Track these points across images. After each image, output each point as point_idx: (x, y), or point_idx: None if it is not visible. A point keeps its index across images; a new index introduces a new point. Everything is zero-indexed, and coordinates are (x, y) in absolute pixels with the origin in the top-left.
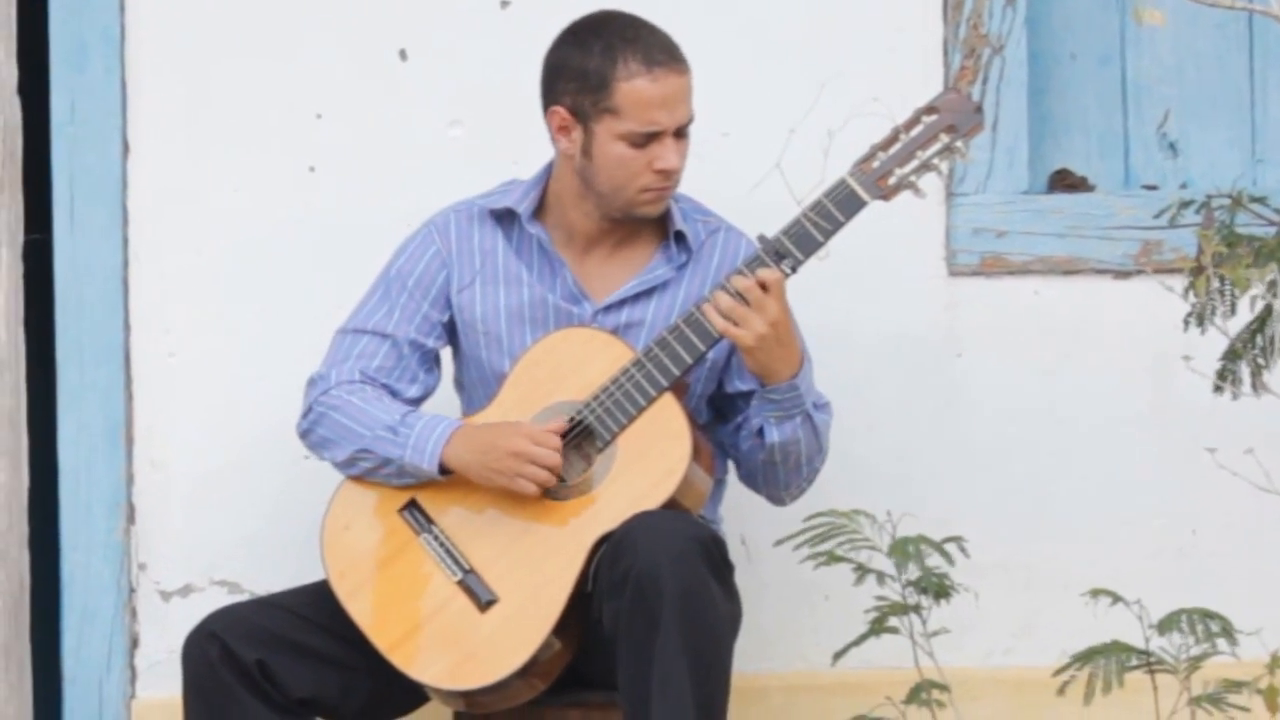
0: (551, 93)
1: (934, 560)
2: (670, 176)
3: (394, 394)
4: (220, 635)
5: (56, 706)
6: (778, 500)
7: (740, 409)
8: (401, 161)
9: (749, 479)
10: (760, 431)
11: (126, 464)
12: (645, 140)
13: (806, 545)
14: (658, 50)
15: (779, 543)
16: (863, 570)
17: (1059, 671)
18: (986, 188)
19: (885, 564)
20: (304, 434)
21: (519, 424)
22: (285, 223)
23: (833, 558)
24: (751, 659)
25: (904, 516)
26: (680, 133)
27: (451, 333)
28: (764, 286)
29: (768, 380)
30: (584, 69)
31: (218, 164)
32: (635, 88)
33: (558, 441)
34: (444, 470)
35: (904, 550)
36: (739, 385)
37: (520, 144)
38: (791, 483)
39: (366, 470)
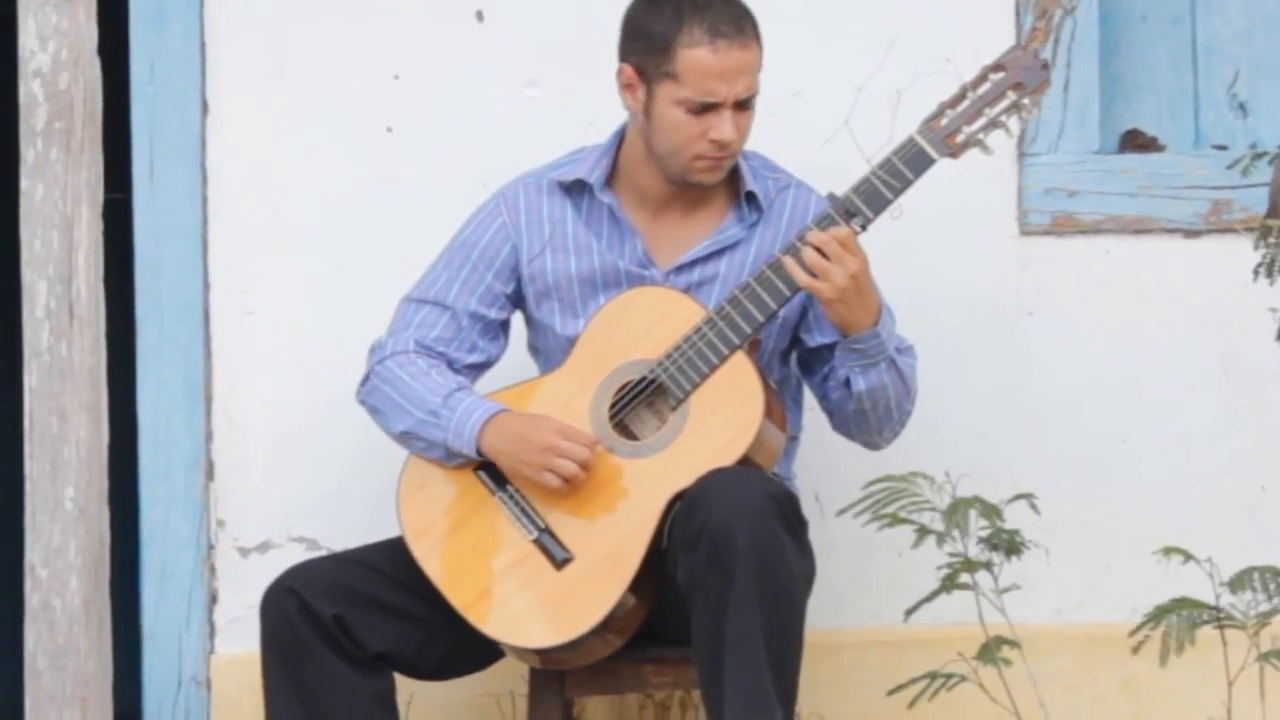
0: (622, 49)
1: (1012, 513)
2: (725, 148)
3: (452, 363)
4: (298, 590)
5: (136, 662)
6: (873, 445)
7: (825, 360)
8: (478, 122)
9: (842, 427)
10: (847, 382)
11: (205, 421)
12: (702, 109)
13: (869, 511)
14: (725, 21)
15: (840, 513)
16: (924, 531)
17: (1134, 631)
18: (1058, 148)
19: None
20: (361, 401)
21: (549, 418)
22: (362, 183)
23: (895, 520)
24: (824, 615)
25: (962, 477)
26: (742, 105)
27: (520, 301)
28: (841, 244)
29: (849, 331)
30: (650, 30)
31: (296, 124)
32: (696, 56)
33: (588, 437)
34: (481, 455)
35: (958, 512)
36: (820, 339)
37: (596, 104)
38: (884, 427)
39: (420, 450)
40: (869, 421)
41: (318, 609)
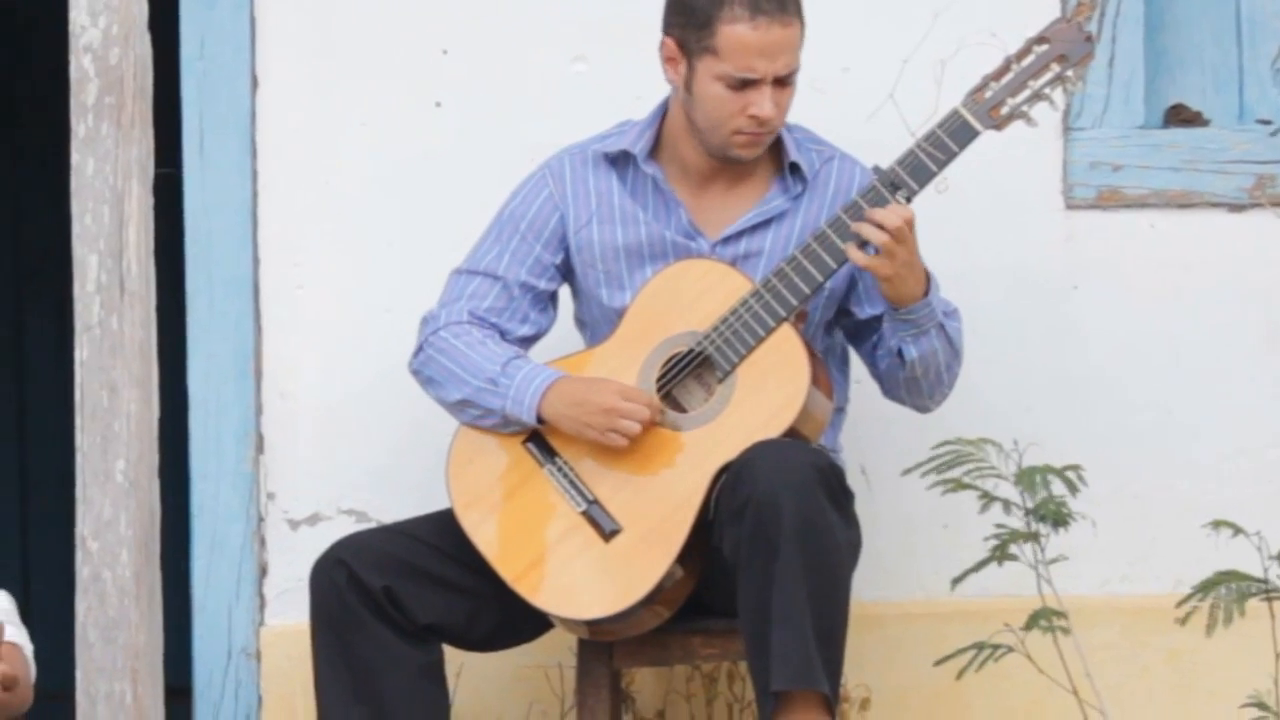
0: (665, 22)
1: (1056, 490)
2: (764, 124)
3: (503, 334)
4: (347, 562)
5: (186, 635)
6: (923, 409)
7: (874, 330)
8: (525, 97)
9: (892, 394)
10: (899, 351)
11: (255, 395)
12: (742, 85)
13: (934, 472)
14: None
15: (906, 472)
16: (988, 498)
17: (1182, 602)
18: (1103, 122)
19: (1009, 492)
20: (415, 372)
21: (610, 381)
22: (412, 157)
23: (959, 485)
24: (870, 587)
25: (1030, 446)
26: (782, 81)
27: (568, 273)
28: (909, 225)
29: (901, 304)
30: (693, 5)
31: (345, 99)
32: (736, 32)
33: (648, 397)
34: (541, 421)
35: (1031, 479)
36: (870, 310)
37: (642, 80)
38: (935, 391)
39: (475, 418)
40: (920, 387)
41: (367, 581)
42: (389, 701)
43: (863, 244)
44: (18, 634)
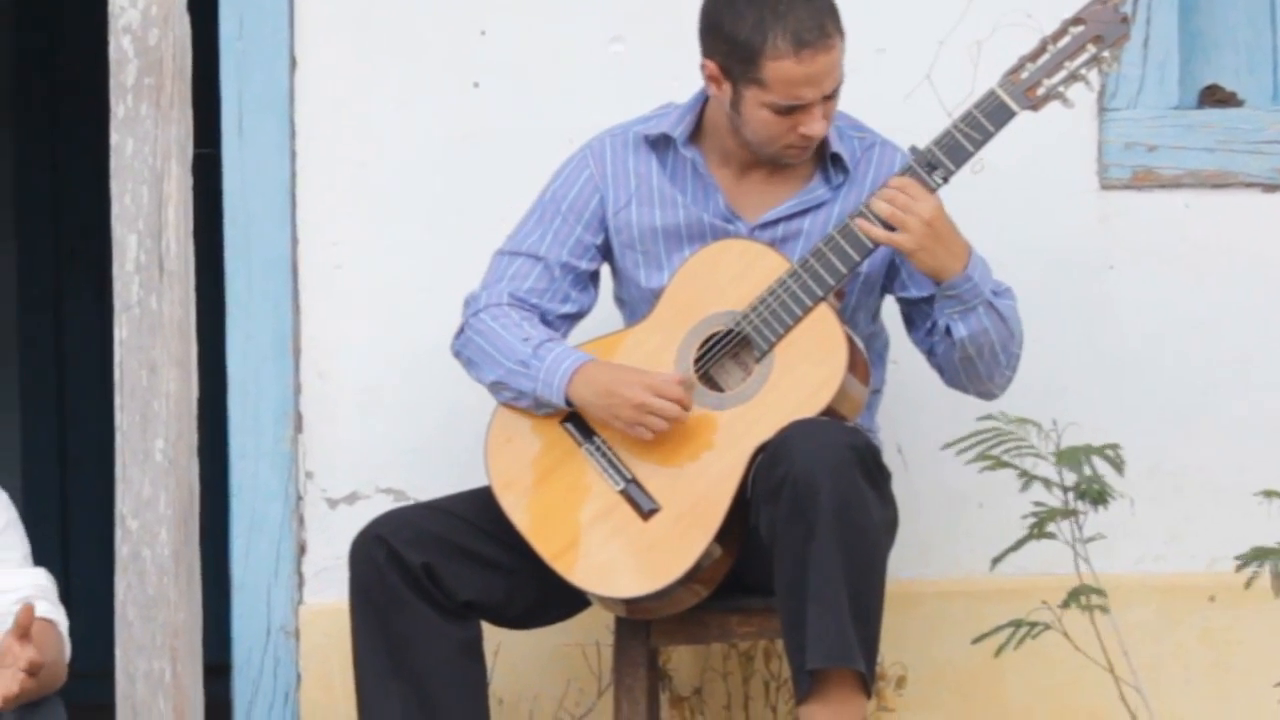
0: (705, 45)
1: (1096, 464)
2: (814, 139)
3: (545, 314)
4: (387, 539)
5: (225, 613)
6: (987, 395)
7: (926, 314)
8: (563, 78)
9: (954, 381)
10: (948, 330)
11: (294, 374)
12: (790, 110)
13: (974, 449)
14: (808, 29)
15: (946, 446)
16: (1028, 477)
17: (1241, 567)
18: (1138, 103)
19: (1048, 472)
20: (456, 353)
21: (643, 373)
22: (449, 137)
23: (999, 463)
24: (907, 565)
25: (1069, 426)
26: (829, 96)
27: (607, 253)
28: (904, 190)
29: (940, 277)
30: (734, 37)
31: (383, 79)
32: (782, 68)
33: (679, 392)
34: (570, 404)
35: (1073, 458)
36: (917, 292)
37: (680, 61)
38: (994, 372)
39: (509, 399)
40: (977, 368)
41: (407, 557)
42: (427, 678)
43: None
44: (53, 611)
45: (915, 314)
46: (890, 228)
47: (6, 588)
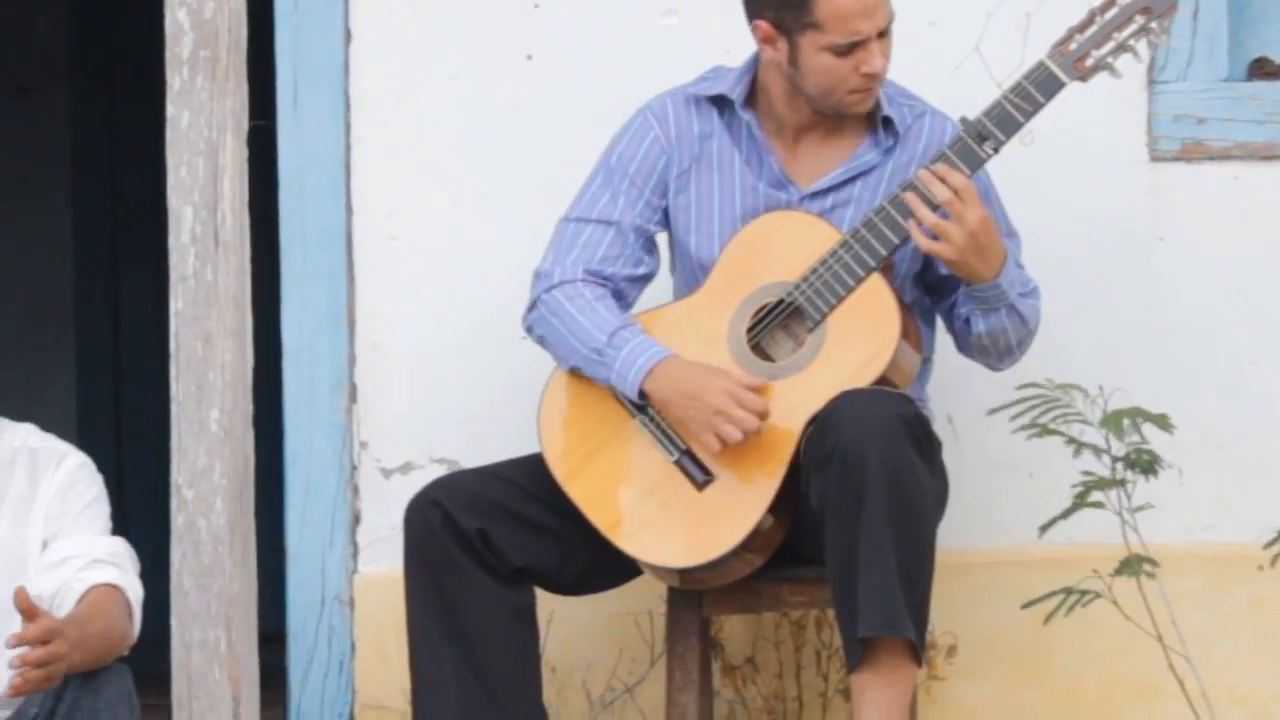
0: (751, 8)
1: (1144, 433)
2: (876, 78)
3: (618, 281)
4: (442, 503)
5: (280, 582)
6: (992, 369)
7: (951, 288)
8: (616, 50)
9: (963, 351)
10: (968, 320)
11: (348, 345)
12: (849, 49)
13: (1021, 416)
14: None
15: (993, 412)
16: (1075, 444)
17: (1268, 544)
18: (1187, 75)
19: (1095, 439)
20: (528, 329)
21: (728, 377)
22: (503, 110)
23: (1045, 430)
24: (956, 534)
25: (1115, 391)
26: (883, 33)
27: (666, 218)
28: (959, 194)
29: (971, 281)
30: None
31: (437, 52)
32: (835, 3)
33: (762, 405)
34: (644, 396)
35: (1117, 423)
36: (944, 270)
37: (732, 33)
38: (1004, 359)
39: (591, 378)
40: (989, 354)
41: (461, 522)
42: (481, 642)
43: (934, 207)
44: (121, 578)
45: (941, 286)
46: (934, 206)
47: (79, 552)
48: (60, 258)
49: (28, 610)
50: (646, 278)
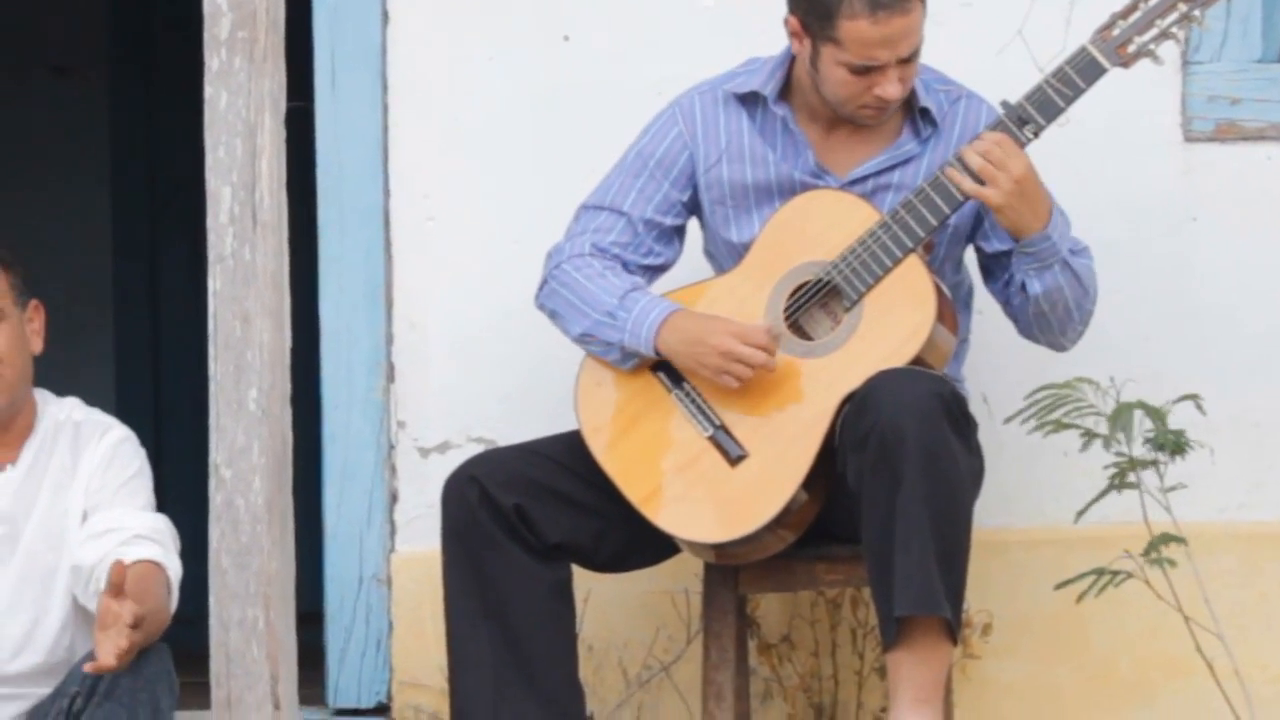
0: (789, 1)
1: (1177, 413)
2: (890, 102)
3: (627, 265)
4: (480, 479)
5: (318, 561)
6: (1059, 347)
7: (1005, 267)
8: (653, 32)
9: (1027, 332)
10: (1023, 285)
11: (386, 324)
12: (866, 70)
13: (1034, 418)
14: None
15: (1007, 420)
16: (1089, 435)
17: None
18: (1221, 56)
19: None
20: (540, 306)
21: (731, 322)
22: (540, 91)
23: (1060, 425)
24: (992, 513)
25: (1127, 382)
26: (906, 60)
27: (695, 208)
28: (1000, 146)
29: (1020, 234)
30: None
31: (474, 33)
32: (857, 28)
33: (766, 340)
34: (659, 354)
35: (1123, 417)
36: (998, 245)
37: (770, 17)
38: (1067, 328)
39: (598, 352)
40: (1050, 323)
41: (499, 498)
42: (517, 618)
43: (979, 181)
44: (163, 556)
45: (994, 266)
46: (980, 181)
47: (121, 525)
48: (99, 238)
49: (119, 586)
50: (658, 268)
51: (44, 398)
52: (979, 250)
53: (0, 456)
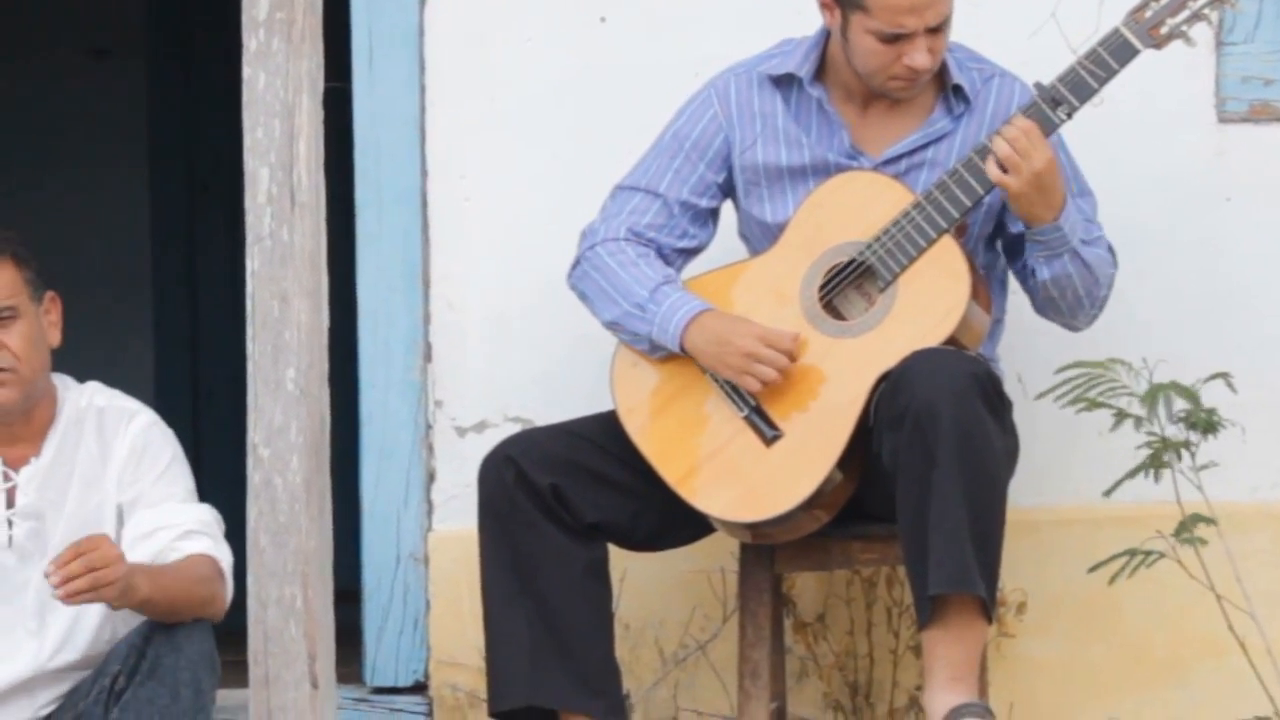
0: None
1: (1209, 392)
2: (919, 73)
3: (661, 248)
4: (516, 459)
5: (356, 540)
6: (1071, 328)
7: (1024, 249)
8: (690, 12)
9: (1041, 311)
10: (1033, 270)
11: (423, 305)
12: (894, 39)
13: (1068, 396)
14: None
15: (1039, 397)
16: (1122, 415)
17: None
18: (1255, 37)
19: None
20: (571, 286)
21: (754, 324)
22: (576, 71)
23: (1093, 404)
24: (1026, 492)
25: (1160, 362)
26: (935, 29)
27: (730, 190)
28: (1026, 134)
29: (1031, 223)
30: None
31: (512, 14)
32: None
33: (789, 344)
34: (685, 351)
35: (1155, 397)
36: (1016, 227)
37: None
38: (1078, 313)
39: (625, 340)
40: (1060, 307)
41: (535, 478)
42: (553, 597)
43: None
44: (214, 547)
45: (1016, 246)
46: (1003, 168)
47: (169, 523)
48: (138, 219)
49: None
50: (693, 250)
51: (64, 384)
52: (1001, 229)
53: (23, 450)
